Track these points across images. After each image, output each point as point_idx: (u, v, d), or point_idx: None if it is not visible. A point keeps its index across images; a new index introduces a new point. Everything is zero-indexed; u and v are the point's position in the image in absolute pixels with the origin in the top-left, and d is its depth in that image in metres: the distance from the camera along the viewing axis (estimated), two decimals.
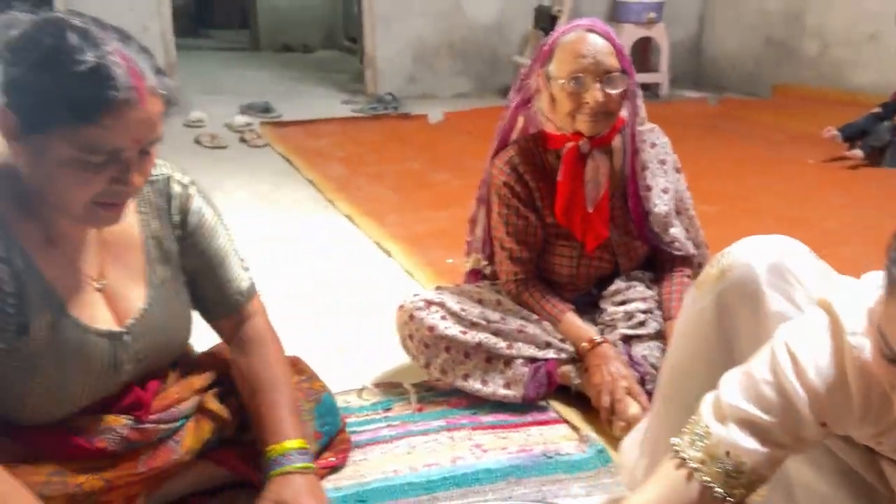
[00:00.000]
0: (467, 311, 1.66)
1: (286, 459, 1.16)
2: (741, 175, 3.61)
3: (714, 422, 0.89)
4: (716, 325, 1.06)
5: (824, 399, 0.86)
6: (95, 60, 0.91)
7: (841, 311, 0.87)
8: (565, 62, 1.54)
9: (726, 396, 0.89)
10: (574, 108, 1.56)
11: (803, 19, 5.70)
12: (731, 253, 1.05)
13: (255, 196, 3.23)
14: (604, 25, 1.58)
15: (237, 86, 6.21)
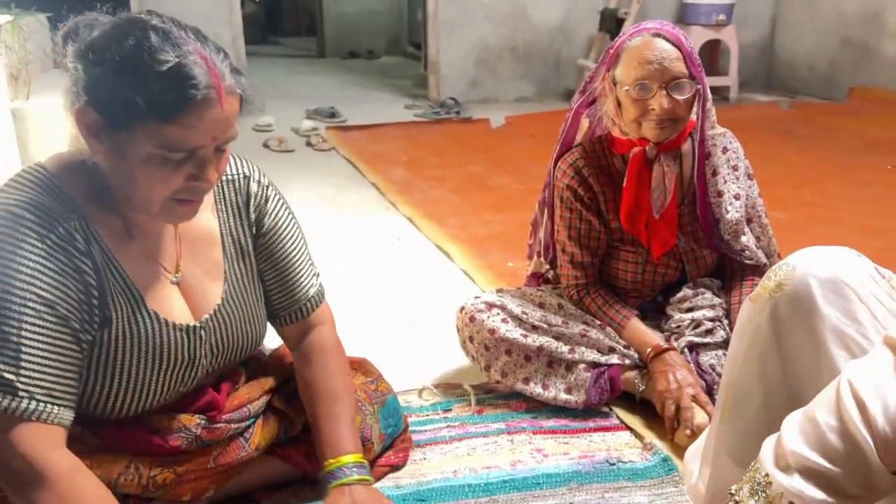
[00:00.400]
0: (528, 314, 1.64)
1: (342, 473, 1.18)
2: (815, 181, 3.48)
3: (776, 470, 0.83)
4: (771, 341, 1.01)
5: (895, 446, 0.79)
6: (176, 60, 0.94)
7: None
8: (631, 67, 1.51)
9: (789, 443, 0.84)
10: (640, 115, 1.53)
11: (882, 19, 5.47)
12: (788, 265, 1.00)
13: (321, 198, 3.28)
14: (672, 28, 1.53)
15: (304, 91, 6.35)
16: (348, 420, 1.23)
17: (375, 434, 1.32)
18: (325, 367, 1.27)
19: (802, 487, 0.81)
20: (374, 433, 1.32)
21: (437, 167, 3.84)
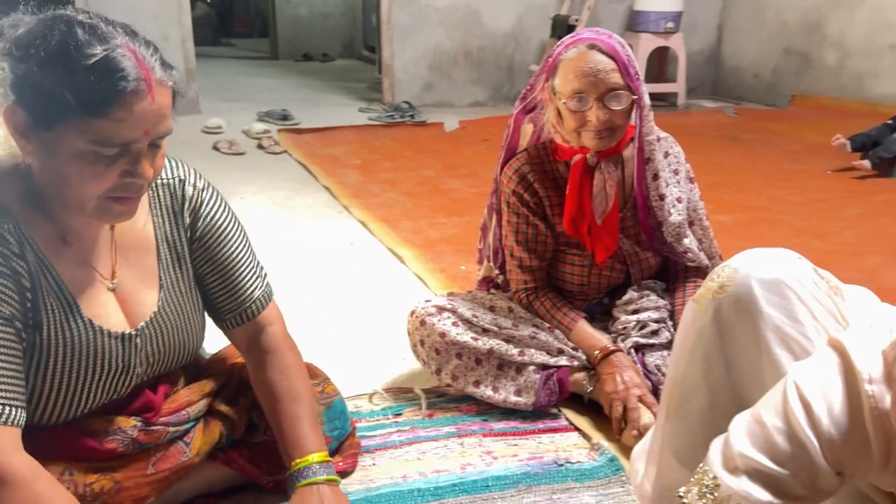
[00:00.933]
0: (479, 317, 1.65)
1: (311, 472, 1.17)
2: (758, 185, 3.58)
3: (724, 472, 0.84)
4: (715, 341, 1.02)
5: (840, 448, 0.81)
6: (104, 53, 0.92)
7: (854, 355, 0.82)
8: (568, 80, 1.52)
9: (736, 444, 0.85)
10: (578, 126, 1.55)
11: (823, 29, 5.66)
12: (730, 267, 1.01)
13: (273, 202, 3.25)
14: (608, 39, 1.53)
15: (256, 93, 6.29)
16: (310, 419, 1.22)
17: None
18: (280, 368, 1.26)
19: (750, 489, 0.81)
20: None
21: (391, 171, 3.84)
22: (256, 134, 4.51)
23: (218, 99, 5.87)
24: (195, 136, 4.53)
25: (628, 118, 1.57)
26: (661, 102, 6.08)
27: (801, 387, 0.83)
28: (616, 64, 1.51)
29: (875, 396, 0.79)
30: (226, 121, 4.81)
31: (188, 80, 5.21)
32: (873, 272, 2.37)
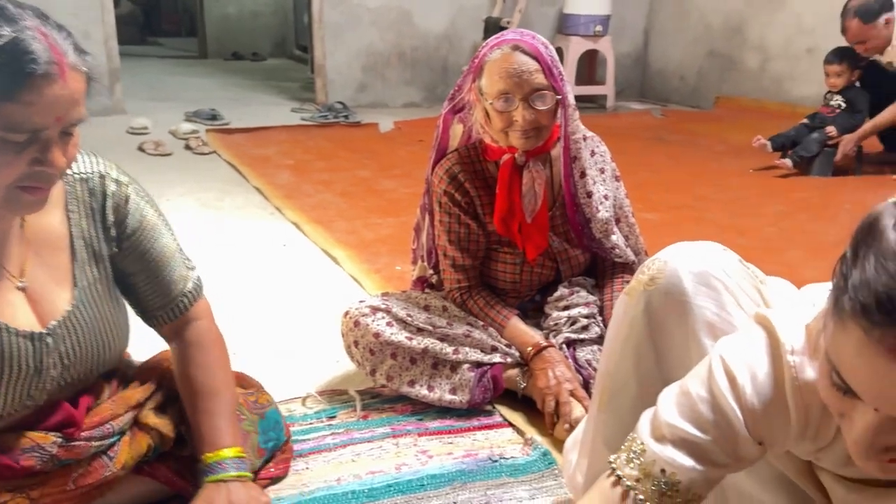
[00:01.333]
0: (413, 316, 1.65)
1: (220, 467, 1.14)
2: (684, 185, 3.69)
3: (651, 440, 0.87)
4: (646, 333, 1.05)
5: (761, 418, 0.85)
6: (13, 35, 0.88)
7: (779, 328, 0.85)
8: (493, 81, 1.54)
9: (663, 414, 0.88)
10: (505, 126, 1.57)
11: (744, 33, 5.88)
12: (660, 259, 1.04)
13: (201, 203, 3.17)
14: (531, 40, 1.55)
15: (183, 93, 6.13)
16: (227, 415, 1.20)
17: (253, 446, 1.28)
18: (202, 363, 1.23)
19: (674, 455, 0.85)
20: (252, 444, 1.28)
21: (325, 171, 3.80)
22: (184, 134, 4.39)
23: (144, 99, 5.69)
24: (120, 137, 4.39)
25: (554, 118, 1.60)
26: (591, 104, 6.20)
27: (727, 359, 0.86)
28: (540, 65, 1.53)
29: (796, 367, 0.83)
30: (152, 121, 4.67)
31: (112, 80, 5.04)
32: (793, 267, 2.47)
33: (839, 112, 3.84)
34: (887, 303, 0.60)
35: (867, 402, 0.66)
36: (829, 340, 0.69)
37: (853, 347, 0.64)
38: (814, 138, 3.83)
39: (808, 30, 5.32)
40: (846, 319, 0.65)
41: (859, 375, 0.65)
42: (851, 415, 0.69)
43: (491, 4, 6.04)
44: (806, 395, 0.82)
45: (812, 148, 3.81)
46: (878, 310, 0.61)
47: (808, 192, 3.57)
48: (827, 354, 0.70)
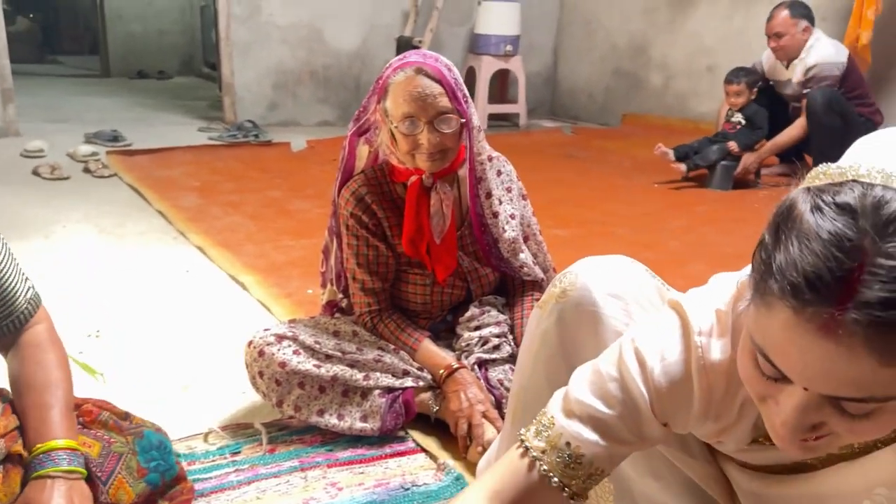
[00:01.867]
0: (322, 343, 1.60)
1: (51, 459, 1.05)
2: (593, 200, 3.77)
3: (560, 413, 0.90)
4: (558, 345, 1.07)
5: (667, 399, 0.87)
6: None
7: (689, 311, 0.88)
8: (397, 104, 1.53)
9: (574, 391, 0.91)
10: (411, 148, 1.55)
11: (648, 53, 6.11)
12: (571, 273, 1.07)
13: (100, 230, 3.00)
14: (435, 63, 1.54)
15: (84, 114, 5.86)
16: (63, 408, 1.12)
17: (131, 467, 1.18)
18: (38, 361, 1.17)
19: (580, 430, 0.88)
20: (129, 466, 1.18)
21: (233, 192, 3.68)
22: (83, 157, 4.18)
23: (41, 120, 5.40)
24: (12, 161, 4.14)
25: (459, 139, 1.59)
26: (505, 122, 6.29)
27: (637, 342, 0.89)
28: (443, 88, 1.52)
29: (702, 347, 0.86)
30: (49, 143, 4.43)
31: (4, 101, 4.76)
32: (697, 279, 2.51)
33: (740, 128, 4.02)
34: (816, 281, 0.61)
35: (797, 382, 0.67)
36: (753, 325, 0.70)
37: (781, 329, 0.65)
38: (713, 149, 4.00)
39: (707, 49, 5.57)
40: (773, 302, 0.65)
41: (790, 356, 0.66)
42: (777, 397, 0.70)
43: (403, 23, 6.05)
44: (710, 374, 0.85)
45: (710, 157, 3.98)
46: (807, 288, 0.62)
47: (710, 205, 3.71)
48: (752, 339, 0.71)
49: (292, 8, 5.69)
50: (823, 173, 0.68)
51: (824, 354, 0.63)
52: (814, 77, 3.82)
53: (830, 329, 0.61)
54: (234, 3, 5.48)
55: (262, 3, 5.58)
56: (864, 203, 0.62)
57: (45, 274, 2.47)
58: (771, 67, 4.13)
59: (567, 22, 6.84)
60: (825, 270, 0.61)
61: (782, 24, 3.85)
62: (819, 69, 3.80)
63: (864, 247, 0.60)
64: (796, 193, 0.69)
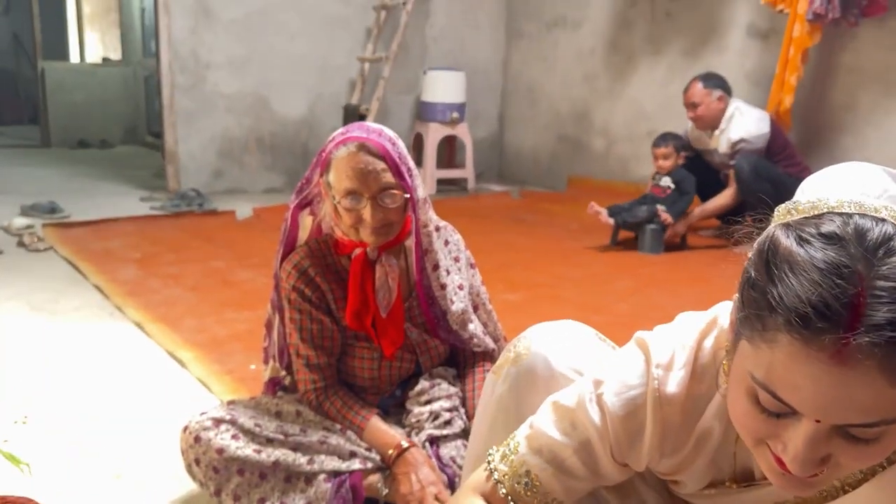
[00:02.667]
0: (262, 426, 1.52)
1: None
2: (542, 264, 3.78)
3: (524, 440, 0.95)
4: (514, 410, 1.08)
5: (620, 429, 0.89)
6: None
7: (652, 345, 0.90)
8: (340, 179, 1.50)
9: (537, 420, 0.96)
10: (354, 223, 1.53)
11: (590, 118, 6.28)
12: (524, 338, 1.10)
13: (32, 307, 2.86)
14: (378, 138, 1.52)
15: (21, 185, 5.69)
16: None
17: None
18: None
19: (537, 461, 0.93)
20: None
21: (174, 264, 3.58)
22: (17, 230, 4.02)
23: None
24: None
25: (404, 213, 1.57)
26: (453, 187, 6.35)
27: (598, 374, 0.93)
28: (387, 163, 1.51)
29: (659, 380, 0.88)
30: None
31: None
32: None
33: (669, 192, 4.08)
34: (824, 309, 0.62)
35: (809, 414, 0.66)
36: (752, 362, 0.69)
37: (790, 361, 0.65)
38: (642, 209, 4.03)
39: (647, 115, 5.75)
40: (777, 336, 0.65)
41: (800, 388, 0.65)
42: (782, 435, 0.69)
43: (350, 91, 6.12)
44: (665, 407, 0.87)
45: (638, 215, 4.00)
46: (816, 317, 0.62)
47: (653, 267, 3.76)
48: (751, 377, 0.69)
49: (238, 77, 5.70)
50: (794, 209, 0.70)
51: (838, 382, 0.63)
52: (740, 150, 3.96)
53: (844, 355, 0.61)
54: (177, 72, 5.46)
55: (206, 73, 5.58)
56: (847, 231, 0.65)
57: None
58: (696, 136, 4.26)
59: (511, 90, 7.01)
60: (831, 298, 0.62)
61: (697, 95, 4.02)
62: (744, 144, 3.95)
63: (860, 271, 0.62)
64: (774, 230, 0.70)
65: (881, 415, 0.63)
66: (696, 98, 4.03)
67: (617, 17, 5.93)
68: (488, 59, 6.90)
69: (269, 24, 5.75)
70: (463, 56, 6.65)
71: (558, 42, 6.45)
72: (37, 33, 8.77)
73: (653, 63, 5.66)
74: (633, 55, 5.82)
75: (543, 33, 6.59)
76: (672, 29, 5.51)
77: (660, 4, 5.55)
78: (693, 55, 5.33)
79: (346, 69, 6.11)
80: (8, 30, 11.47)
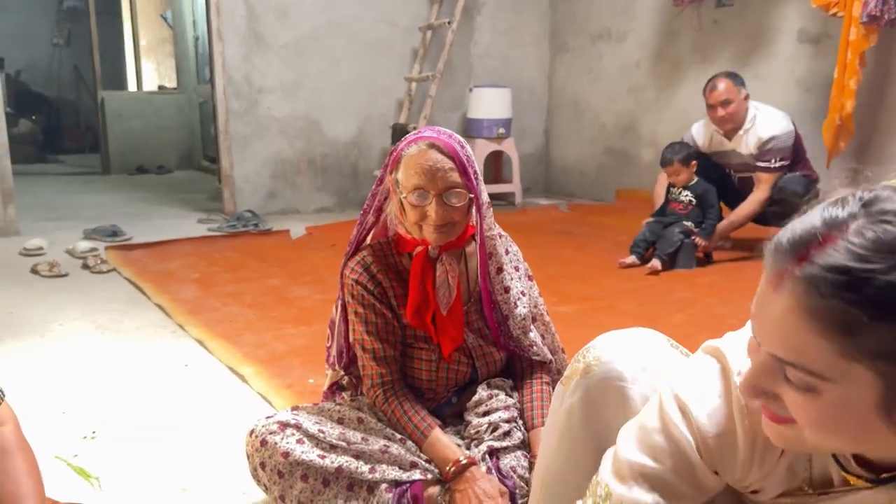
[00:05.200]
0: (326, 432, 1.54)
1: None
2: (594, 276, 3.76)
3: (613, 480, 0.88)
4: (585, 421, 1.04)
5: (714, 446, 0.86)
6: None
7: (728, 354, 0.88)
8: (409, 175, 1.54)
9: (622, 451, 0.89)
10: (419, 220, 1.56)
11: (637, 130, 6.23)
12: (595, 347, 1.06)
13: (97, 326, 2.97)
14: (448, 139, 1.57)
15: (83, 210, 5.91)
16: None
17: None
18: (4, 470, 1.11)
19: (638, 495, 0.85)
20: None
21: (232, 283, 3.67)
22: (81, 253, 4.19)
23: (41, 219, 5.45)
24: (11, 260, 4.15)
25: (467, 215, 1.60)
26: (501, 202, 6.36)
27: (677, 391, 0.88)
28: (455, 163, 1.55)
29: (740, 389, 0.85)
30: (48, 241, 4.45)
31: (5, 201, 4.81)
32: None
33: (692, 208, 3.88)
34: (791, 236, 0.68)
35: (755, 338, 0.72)
36: None
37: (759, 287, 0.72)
38: (675, 233, 3.79)
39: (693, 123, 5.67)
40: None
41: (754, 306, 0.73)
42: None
43: (398, 112, 6.20)
44: (752, 415, 0.84)
45: (675, 240, 3.78)
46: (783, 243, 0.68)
47: (712, 276, 3.70)
48: None
49: (289, 101, 5.84)
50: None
51: (771, 303, 0.68)
52: (770, 149, 3.80)
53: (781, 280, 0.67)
54: (231, 98, 5.62)
55: (259, 98, 5.73)
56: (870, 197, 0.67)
57: (40, 374, 2.42)
58: (707, 139, 4.06)
59: (556, 104, 7.01)
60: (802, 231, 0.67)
61: (728, 92, 3.80)
62: (777, 141, 3.79)
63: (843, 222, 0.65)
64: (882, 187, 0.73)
65: (799, 357, 0.66)
66: (728, 95, 3.79)
67: (662, 27, 5.89)
68: (533, 74, 6.93)
69: (318, 49, 5.89)
70: (508, 72, 6.69)
71: (603, 55, 6.43)
72: (96, 65, 9.14)
73: (700, 72, 5.59)
74: (680, 65, 5.77)
75: (588, 47, 6.58)
76: (720, 37, 5.45)
77: (706, 13, 5.49)
78: (742, 62, 5.25)
79: (392, 90, 6.20)
80: (69, 62, 11.98)
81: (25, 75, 11.52)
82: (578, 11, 6.63)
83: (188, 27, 9.18)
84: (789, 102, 5.07)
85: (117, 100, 9.36)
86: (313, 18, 5.82)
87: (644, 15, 6.01)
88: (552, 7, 6.88)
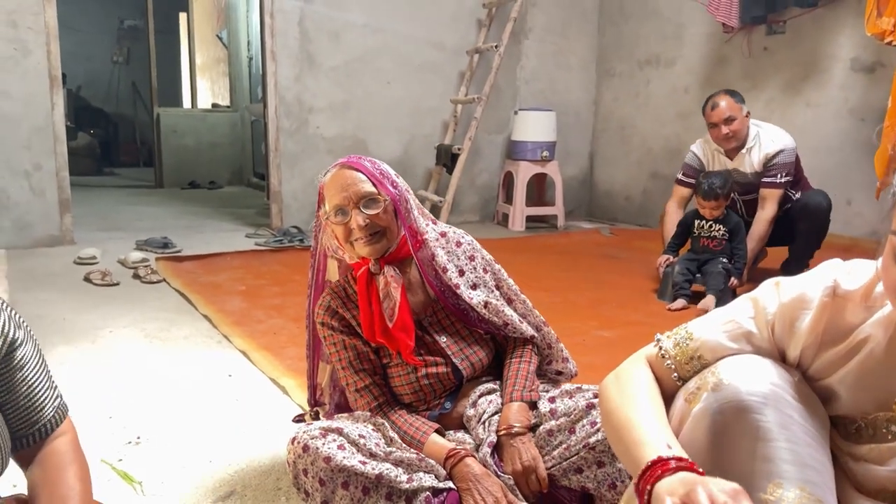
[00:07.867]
0: (366, 437, 1.57)
1: None
2: (636, 301, 3.72)
3: (699, 328, 1.07)
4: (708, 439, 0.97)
5: (786, 311, 0.98)
6: None
7: (840, 270, 1.00)
8: (329, 199, 1.65)
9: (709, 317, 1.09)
10: (347, 236, 1.64)
11: (684, 154, 6.16)
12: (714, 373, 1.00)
13: (146, 335, 3.06)
14: (358, 160, 1.67)
15: (136, 222, 6.10)
16: None
17: None
18: (59, 475, 1.15)
19: (722, 339, 1.03)
20: None
21: (277, 296, 3.74)
22: (133, 263, 4.32)
23: (95, 229, 5.64)
24: (66, 268, 4.29)
25: (392, 220, 1.67)
26: (543, 224, 6.36)
27: (780, 280, 1.04)
28: (365, 175, 1.64)
29: (838, 278, 0.97)
30: (101, 251, 4.61)
31: (62, 211, 5.00)
32: None
33: (725, 243, 3.71)
34: None
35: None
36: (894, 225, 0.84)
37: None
38: (718, 272, 3.57)
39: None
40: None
41: None
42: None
43: (443, 133, 6.27)
44: (836, 299, 0.96)
45: (720, 283, 3.53)
46: None
47: None
48: (892, 237, 0.84)
49: (338, 121, 5.96)
50: None
51: None
52: (776, 164, 3.74)
53: None
54: (282, 117, 5.76)
55: (309, 117, 5.86)
56: None
57: (88, 379, 2.50)
58: (708, 159, 4.00)
59: (601, 128, 7.00)
60: None
61: (731, 109, 3.74)
62: (783, 156, 3.74)
63: None
64: None
65: None
66: (732, 112, 3.72)
67: (711, 53, 5.86)
68: (579, 98, 6.94)
69: (367, 71, 6.00)
70: (553, 96, 6.72)
71: (651, 80, 6.41)
72: (153, 82, 9.46)
73: (750, 99, 5.52)
74: None
75: (636, 72, 6.57)
76: (770, 64, 5.39)
77: (757, 40, 5.45)
78: (793, 90, 5.19)
79: (438, 111, 6.28)
80: (128, 79, 12.42)
81: (86, 91, 11.97)
82: (626, 37, 6.64)
83: (243, 47, 9.44)
84: (842, 131, 4.99)
85: (172, 116, 9.65)
86: (364, 41, 5.94)
87: (693, 41, 5.98)
88: (601, 32, 6.90)
